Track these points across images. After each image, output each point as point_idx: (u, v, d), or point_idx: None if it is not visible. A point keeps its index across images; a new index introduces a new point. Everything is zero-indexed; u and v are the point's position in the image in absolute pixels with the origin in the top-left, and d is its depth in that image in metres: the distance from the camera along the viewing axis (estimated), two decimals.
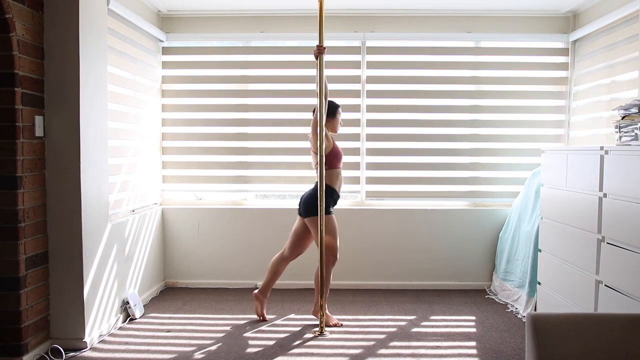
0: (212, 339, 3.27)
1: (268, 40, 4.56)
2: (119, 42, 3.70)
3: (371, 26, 4.45)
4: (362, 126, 4.49)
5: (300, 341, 3.24)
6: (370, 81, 4.48)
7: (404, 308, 3.91)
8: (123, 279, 3.66)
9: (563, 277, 3.21)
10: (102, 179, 3.32)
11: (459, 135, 4.52)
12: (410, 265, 4.46)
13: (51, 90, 3.00)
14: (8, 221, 2.76)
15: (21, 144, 2.78)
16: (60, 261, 3.05)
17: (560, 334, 1.70)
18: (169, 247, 4.53)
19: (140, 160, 4.10)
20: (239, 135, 4.57)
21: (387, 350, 3.09)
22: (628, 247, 2.57)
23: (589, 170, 2.93)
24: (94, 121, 3.20)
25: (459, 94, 4.49)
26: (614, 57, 3.83)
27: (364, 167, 4.51)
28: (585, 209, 2.97)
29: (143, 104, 4.16)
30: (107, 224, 3.40)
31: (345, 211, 4.46)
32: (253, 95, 4.56)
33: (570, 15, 4.41)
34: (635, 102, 2.78)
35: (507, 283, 4.09)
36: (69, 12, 2.99)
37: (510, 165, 4.51)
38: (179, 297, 4.19)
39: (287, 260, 3.68)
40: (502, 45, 4.52)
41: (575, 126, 4.43)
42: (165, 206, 4.55)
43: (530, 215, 3.92)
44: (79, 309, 3.08)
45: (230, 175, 4.60)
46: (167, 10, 4.43)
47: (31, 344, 2.89)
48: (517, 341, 3.23)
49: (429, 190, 4.54)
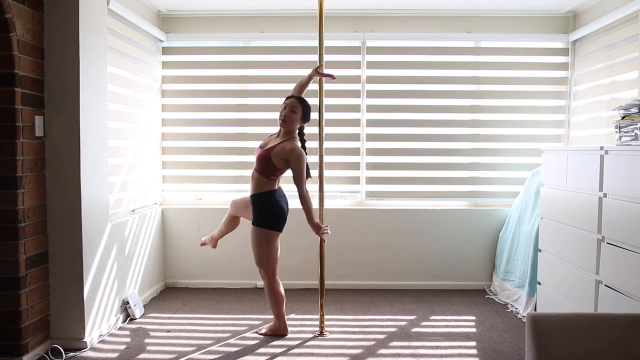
0: (212, 339, 3.27)
1: (268, 40, 4.56)
2: (118, 42, 3.70)
3: (371, 26, 4.45)
4: (362, 126, 4.49)
5: (300, 341, 3.24)
6: (370, 81, 4.48)
7: (404, 308, 3.91)
8: (123, 279, 3.66)
9: (563, 277, 3.21)
10: (102, 179, 3.32)
11: (459, 135, 4.52)
12: (410, 265, 4.46)
13: (51, 90, 3.00)
14: (8, 221, 2.76)
15: (21, 144, 2.78)
16: (60, 261, 3.05)
17: (560, 334, 1.70)
18: (169, 247, 4.53)
19: (140, 160, 4.10)
20: (239, 135, 4.57)
21: (387, 350, 3.09)
22: (628, 247, 2.57)
23: (589, 170, 2.93)
24: (94, 121, 3.19)
25: (459, 94, 4.49)
26: (614, 57, 3.83)
27: (364, 167, 4.51)
28: (585, 209, 2.97)
29: (143, 104, 4.16)
30: (107, 224, 3.40)
31: (345, 211, 4.46)
32: (253, 95, 4.56)
33: (570, 15, 4.41)
34: (635, 102, 2.78)
35: (507, 283, 4.09)
36: (69, 12, 2.99)
37: (510, 165, 4.51)
38: (179, 297, 4.19)
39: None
40: (502, 45, 4.52)
41: (575, 126, 4.43)
42: (165, 206, 4.55)
43: (530, 215, 3.92)
44: (79, 309, 3.08)
45: (230, 175, 4.60)
46: (167, 10, 4.43)
47: (31, 344, 2.89)
48: (517, 341, 3.23)
49: (429, 190, 4.54)
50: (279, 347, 3.15)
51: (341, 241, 4.42)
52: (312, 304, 3.96)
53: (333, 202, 4.58)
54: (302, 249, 4.37)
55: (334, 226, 4.33)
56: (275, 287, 3.27)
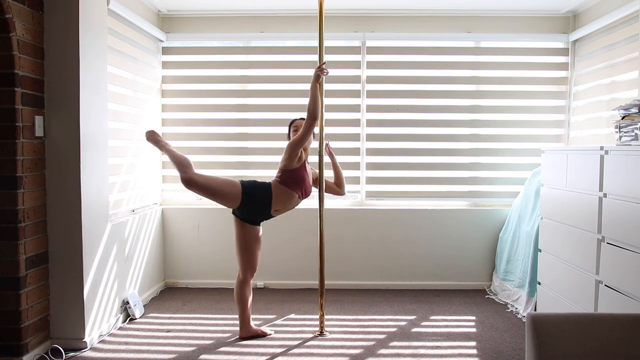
0: (212, 339, 3.27)
1: (268, 40, 4.56)
2: (119, 42, 3.70)
3: (371, 26, 4.45)
4: (362, 126, 4.49)
5: (300, 341, 3.24)
6: (370, 81, 4.48)
7: (404, 308, 3.91)
8: (123, 279, 3.66)
9: (563, 277, 3.21)
10: (102, 179, 3.32)
11: (459, 135, 4.52)
12: (410, 265, 4.46)
13: (51, 90, 3.00)
14: (8, 221, 2.76)
15: (21, 144, 2.78)
16: (60, 261, 3.05)
17: (560, 334, 1.70)
18: (169, 247, 4.53)
19: (140, 160, 4.10)
20: (239, 135, 4.57)
21: (387, 350, 3.09)
22: (628, 247, 2.57)
23: (589, 170, 2.93)
24: (94, 121, 3.20)
25: (459, 94, 4.49)
26: (614, 57, 3.83)
27: (364, 167, 4.51)
28: (585, 209, 2.97)
29: (143, 104, 4.16)
30: (107, 224, 3.40)
31: (345, 211, 4.46)
32: (253, 95, 4.56)
33: (570, 15, 4.41)
34: (635, 102, 2.78)
35: (507, 283, 4.09)
36: (69, 12, 2.99)
37: (510, 165, 4.51)
38: (179, 297, 4.19)
39: (246, 280, 3.29)
40: (502, 45, 4.52)
41: (575, 126, 4.43)
42: (165, 206, 4.55)
43: (530, 215, 3.92)
44: (79, 309, 3.08)
45: (230, 175, 4.58)
46: (167, 10, 4.43)
47: (31, 344, 2.89)
48: (517, 341, 3.23)
49: (429, 190, 4.54)
50: (279, 347, 3.15)
51: (341, 241, 4.42)
52: (312, 304, 3.96)
53: (333, 202, 4.58)
54: (302, 249, 4.37)
55: (334, 226, 4.34)
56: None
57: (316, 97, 3.15)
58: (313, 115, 3.12)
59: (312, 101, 3.14)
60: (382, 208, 4.51)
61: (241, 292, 3.27)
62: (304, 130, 3.13)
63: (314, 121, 3.13)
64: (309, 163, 3.36)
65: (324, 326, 3.38)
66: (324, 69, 3.22)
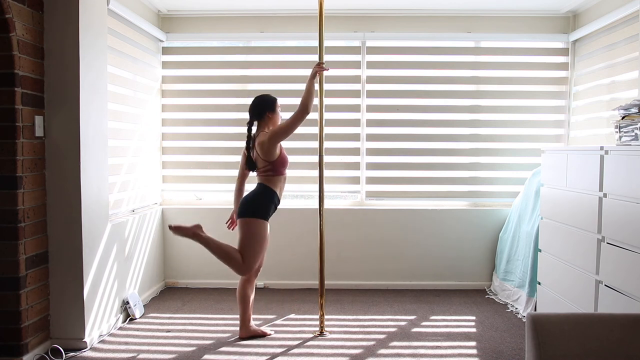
0: (212, 339, 3.27)
1: (268, 40, 4.56)
2: (119, 42, 3.70)
3: (371, 26, 4.45)
4: (362, 126, 4.49)
5: (300, 341, 3.24)
6: (370, 81, 4.48)
7: (404, 308, 3.91)
8: (123, 279, 3.66)
9: (563, 277, 3.21)
10: (102, 179, 3.32)
11: (459, 135, 4.52)
12: (410, 265, 4.46)
13: (51, 90, 3.00)
14: (8, 221, 2.76)
15: (21, 144, 2.78)
16: (60, 261, 3.05)
17: (560, 334, 1.70)
18: (169, 247, 4.53)
19: (140, 160, 4.10)
20: (239, 135, 4.56)
21: (387, 350, 3.09)
22: (628, 247, 2.57)
23: (589, 170, 2.93)
24: (94, 121, 3.20)
25: (459, 94, 4.49)
26: (614, 57, 3.83)
27: (364, 167, 4.51)
28: (585, 209, 2.97)
29: (143, 104, 4.16)
30: (107, 224, 3.40)
31: (345, 211, 4.46)
32: (253, 95, 4.53)
33: (570, 15, 4.41)
34: (635, 102, 2.78)
35: (507, 283, 4.09)
36: (69, 12, 2.99)
37: (510, 165, 4.51)
38: (179, 297, 4.19)
39: (250, 280, 3.29)
40: (502, 45, 4.52)
41: (575, 126, 4.43)
42: (165, 206, 4.55)
43: (530, 215, 3.92)
44: (79, 309, 3.08)
45: (230, 175, 4.58)
46: (167, 10, 4.43)
47: (31, 344, 2.89)
48: (517, 341, 3.23)
49: (429, 190, 4.54)
50: (279, 347, 3.15)
51: (341, 241, 4.42)
52: (312, 304, 3.96)
53: (333, 202, 4.58)
54: (302, 249, 4.37)
55: (334, 226, 4.34)
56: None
57: (311, 92, 3.13)
58: (304, 109, 3.10)
59: (306, 94, 3.12)
60: (382, 208, 4.51)
61: (244, 292, 3.27)
62: (291, 121, 3.11)
63: (304, 114, 3.10)
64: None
65: (324, 326, 3.37)
66: (324, 67, 3.22)
